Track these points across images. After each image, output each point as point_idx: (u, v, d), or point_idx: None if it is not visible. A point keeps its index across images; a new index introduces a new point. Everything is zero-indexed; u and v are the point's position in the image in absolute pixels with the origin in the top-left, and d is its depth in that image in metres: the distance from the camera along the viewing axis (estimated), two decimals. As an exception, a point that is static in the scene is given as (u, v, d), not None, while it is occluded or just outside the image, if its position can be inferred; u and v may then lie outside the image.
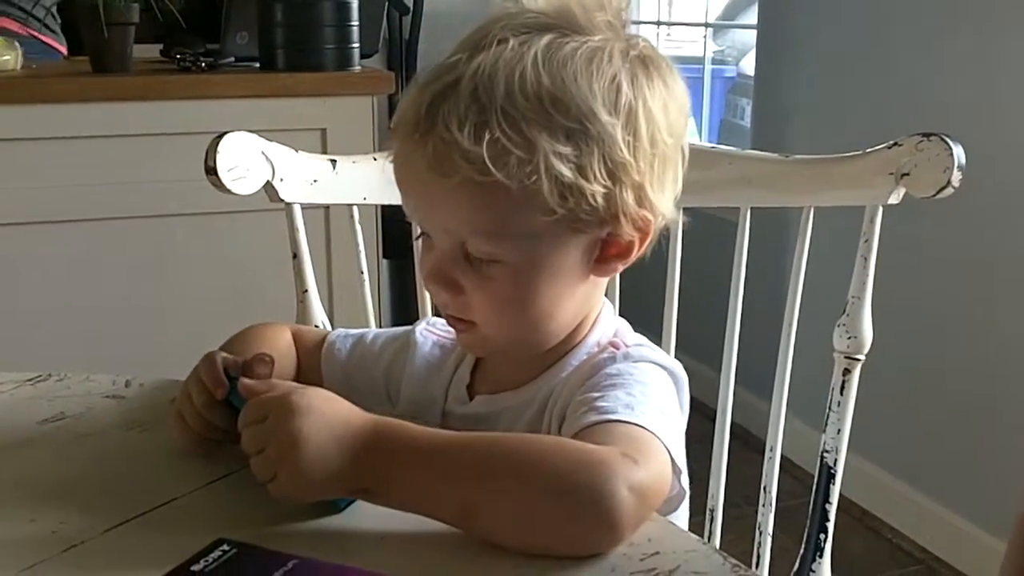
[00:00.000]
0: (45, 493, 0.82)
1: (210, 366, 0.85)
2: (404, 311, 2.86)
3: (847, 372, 1.16)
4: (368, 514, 0.74)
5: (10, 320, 2.05)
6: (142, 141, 2.09)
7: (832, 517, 1.19)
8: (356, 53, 2.25)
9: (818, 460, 1.19)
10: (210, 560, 0.69)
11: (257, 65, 2.28)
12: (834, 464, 1.18)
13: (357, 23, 2.23)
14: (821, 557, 1.19)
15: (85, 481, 0.84)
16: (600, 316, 0.91)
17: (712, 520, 1.26)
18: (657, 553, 0.70)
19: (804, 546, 1.20)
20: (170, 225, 2.13)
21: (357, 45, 2.24)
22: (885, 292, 1.35)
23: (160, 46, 2.49)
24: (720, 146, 1.28)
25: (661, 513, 0.75)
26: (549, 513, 0.69)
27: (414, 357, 0.98)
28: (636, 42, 0.85)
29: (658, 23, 3.81)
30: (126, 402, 1.00)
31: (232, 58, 2.32)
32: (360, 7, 2.24)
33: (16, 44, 2.20)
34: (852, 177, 1.17)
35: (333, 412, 0.75)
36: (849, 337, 1.16)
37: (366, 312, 1.36)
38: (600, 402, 0.78)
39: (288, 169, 1.25)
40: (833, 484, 1.18)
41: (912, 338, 2.40)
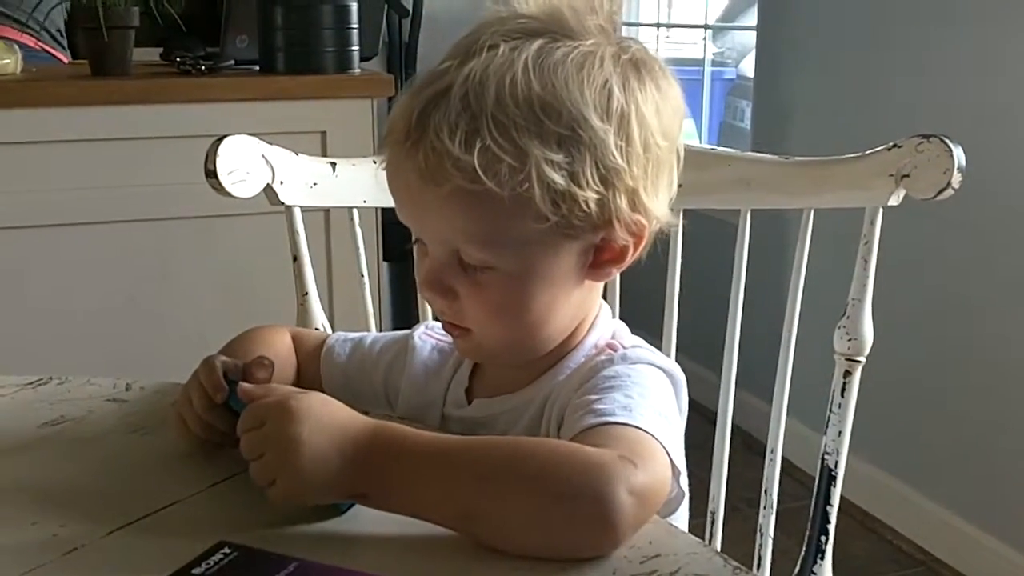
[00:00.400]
0: (46, 497, 0.81)
1: (209, 371, 0.85)
2: (404, 314, 2.86)
3: (848, 374, 1.16)
4: (369, 517, 0.74)
5: (11, 323, 2.05)
6: (142, 144, 2.09)
7: (833, 519, 1.19)
8: (356, 56, 2.25)
9: (819, 462, 1.19)
10: (211, 563, 0.68)
11: (257, 68, 2.28)
12: (835, 466, 1.18)
13: (357, 26, 2.23)
14: (822, 559, 1.19)
15: (86, 484, 0.84)
16: (597, 319, 0.91)
17: (713, 522, 1.25)
18: (658, 555, 0.70)
19: (805, 548, 1.20)
20: (170, 228, 2.13)
21: (357, 48, 2.24)
22: (885, 294, 1.35)
23: (160, 49, 2.49)
24: (720, 148, 1.28)
25: (660, 515, 0.75)
26: (548, 516, 0.69)
27: (413, 361, 0.98)
28: (628, 45, 0.84)
29: (657, 25, 3.80)
30: (127, 405, 0.99)
31: (232, 61, 2.32)
32: (360, 10, 2.24)
33: (15, 48, 2.20)
34: (852, 179, 1.17)
35: (331, 417, 0.74)
36: (850, 339, 1.15)
37: (366, 315, 1.36)
38: (598, 404, 0.78)
39: (288, 172, 1.25)
40: (834, 486, 1.18)
41: (913, 340, 2.40)
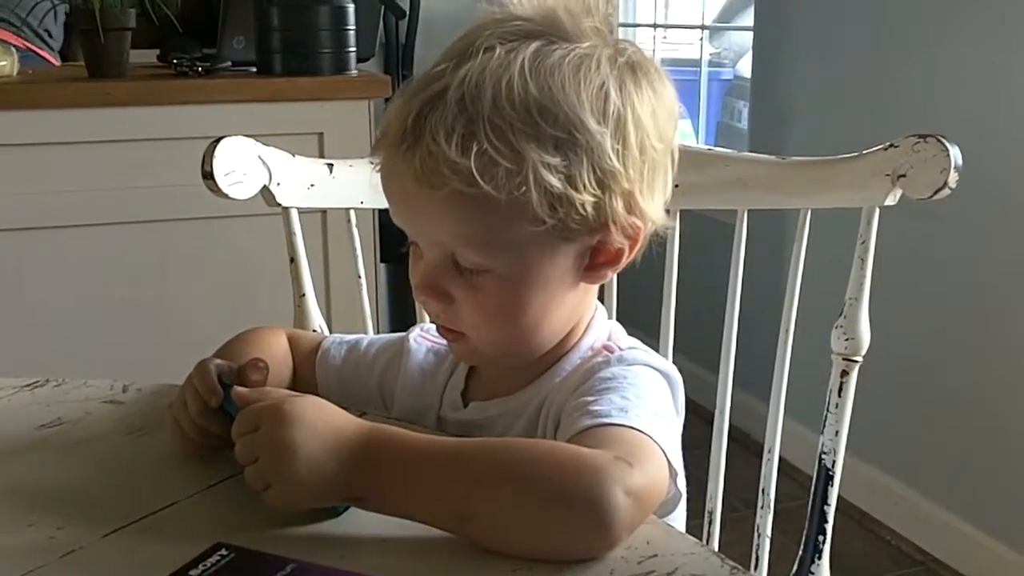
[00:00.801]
0: (43, 498, 0.81)
1: (203, 374, 0.85)
2: (401, 315, 2.86)
3: (845, 374, 1.16)
4: (367, 518, 0.74)
5: (9, 324, 2.05)
6: (139, 146, 2.08)
7: (831, 519, 1.19)
8: (352, 57, 2.25)
9: (816, 462, 1.19)
10: (208, 564, 0.68)
11: (254, 69, 2.28)
12: (832, 466, 1.18)
13: (353, 27, 2.23)
14: (820, 559, 1.19)
15: (83, 486, 0.84)
16: (593, 321, 0.91)
17: (711, 522, 1.26)
18: (655, 556, 0.70)
19: (803, 548, 1.20)
20: (167, 230, 2.13)
21: (353, 49, 2.24)
22: (882, 294, 1.35)
23: (157, 51, 2.49)
24: (717, 148, 1.28)
25: (657, 515, 0.75)
26: (544, 518, 0.69)
27: (408, 364, 0.98)
28: (624, 48, 0.84)
29: (654, 25, 3.80)
30: (124, 407, 0.99)
31: (229, 62, 2.32)
32: (356, 11, 2.24)
33: (12, 50, 2.20)
34: (849, 179, 1.17)
35: (325, 420, 0.74)
36: (847, 339, 1.15)
37: (363, 316, 1.36)
38: (594, 406, 0.78)
39: (285, 173, 1.25)
40: (831, 486, 1.18)
41: (910, 339, 2.40)
